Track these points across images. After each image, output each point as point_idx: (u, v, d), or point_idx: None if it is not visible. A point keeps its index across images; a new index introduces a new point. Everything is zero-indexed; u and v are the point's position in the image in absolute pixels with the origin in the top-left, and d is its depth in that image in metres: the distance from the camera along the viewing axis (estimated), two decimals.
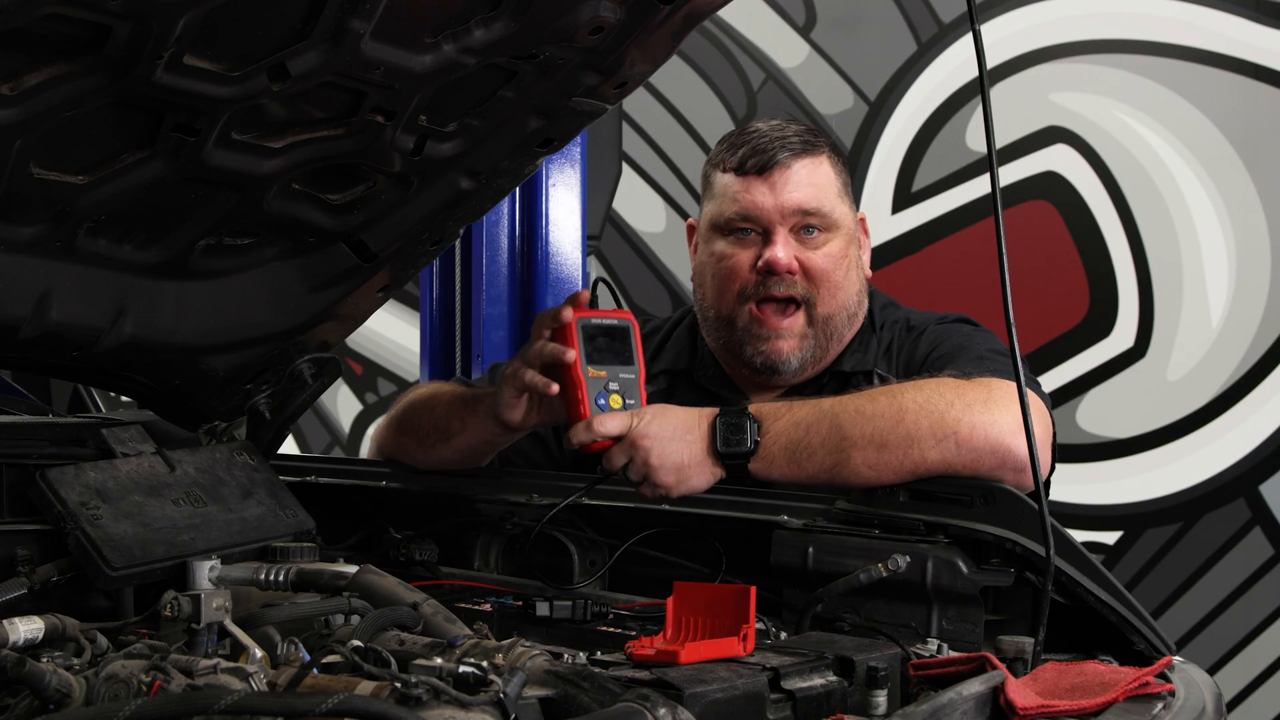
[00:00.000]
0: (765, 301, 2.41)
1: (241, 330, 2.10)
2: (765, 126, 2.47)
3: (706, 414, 2.06)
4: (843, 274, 2.43)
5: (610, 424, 2.05)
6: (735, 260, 2.43)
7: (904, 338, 2.47)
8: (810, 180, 2.41)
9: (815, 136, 2.48)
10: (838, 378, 2.46)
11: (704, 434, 2.04)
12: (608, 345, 2.11)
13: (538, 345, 2.12)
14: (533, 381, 2.11)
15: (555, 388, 2.09)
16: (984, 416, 1.93)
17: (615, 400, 2.09)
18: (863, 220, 2.56)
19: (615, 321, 2.14)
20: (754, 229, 2.42)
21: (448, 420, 2.35)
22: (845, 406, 2.02)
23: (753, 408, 2.06)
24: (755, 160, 2.41)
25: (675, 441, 2.04)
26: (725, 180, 2.45)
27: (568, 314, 2.10)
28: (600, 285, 2.16)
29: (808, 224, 2.41)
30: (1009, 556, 1.84)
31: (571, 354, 2.08)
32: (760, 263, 2.39)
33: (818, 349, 2.44)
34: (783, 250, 2.38)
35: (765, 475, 2.04)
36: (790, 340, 2.42)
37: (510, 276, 3.46)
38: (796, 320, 2.41)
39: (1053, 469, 2.22)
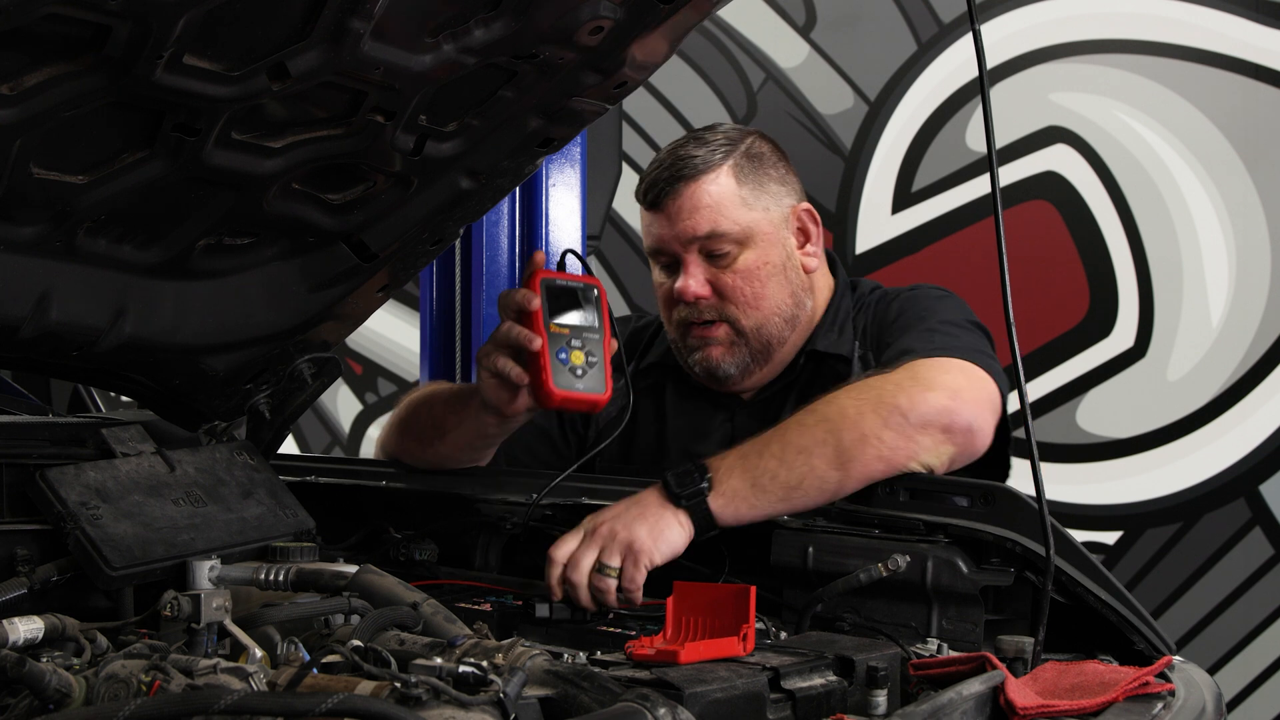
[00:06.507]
0: (690, 324, 2.43)
1: (241, 330, 2.10)
2: (665, 152, 2.44)
3: (648, 486, 2.05)
4: (761, 284, 2.39)
5: (563, 547, 2.00)
6: (665, 288, 2.46)
7: (877, 308, 2.47)
8: (705, 203, 2.37)
9: (714, 149, 2.40)
10: (813, 357, 2.46)
11: (655, 491, 2.02)
12: (570, 304, 2.12)
13: (504, 328, 2.13)
14: (504, 368, 2.12)
15: (526, 377, 2.10)
16: (918, 388, 2.01)
17: (577, 356, 2.09)
18: (807, 210, 2.47)
19: (581, 284, 2.14)
20: (667, 259, 2.44)
21: (443, 416, 2.36)
22: (786, 426, 2.05)
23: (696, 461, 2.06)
24: (650, 194, 2.42)
25: (630, 509, 2.01)
26: (641, 213, 2.47)
27: (534, 302, 2.09)
28: (569, 255, 2.18)
29: (709, 248, 2.39)
30: (1009, 556, 1.84)
31: (538, 341, 2.07)
32: (674, 293, 2.41)
33: (755, 354, 2.43)
34: (691, 280, 2.38)
35: (735, 514, 2.00)
36: (718, 347, 2.41)
37: (510, 276, 3.46)
38: (719, 329, 2.41)
39: (1009, 440, 2.24)
